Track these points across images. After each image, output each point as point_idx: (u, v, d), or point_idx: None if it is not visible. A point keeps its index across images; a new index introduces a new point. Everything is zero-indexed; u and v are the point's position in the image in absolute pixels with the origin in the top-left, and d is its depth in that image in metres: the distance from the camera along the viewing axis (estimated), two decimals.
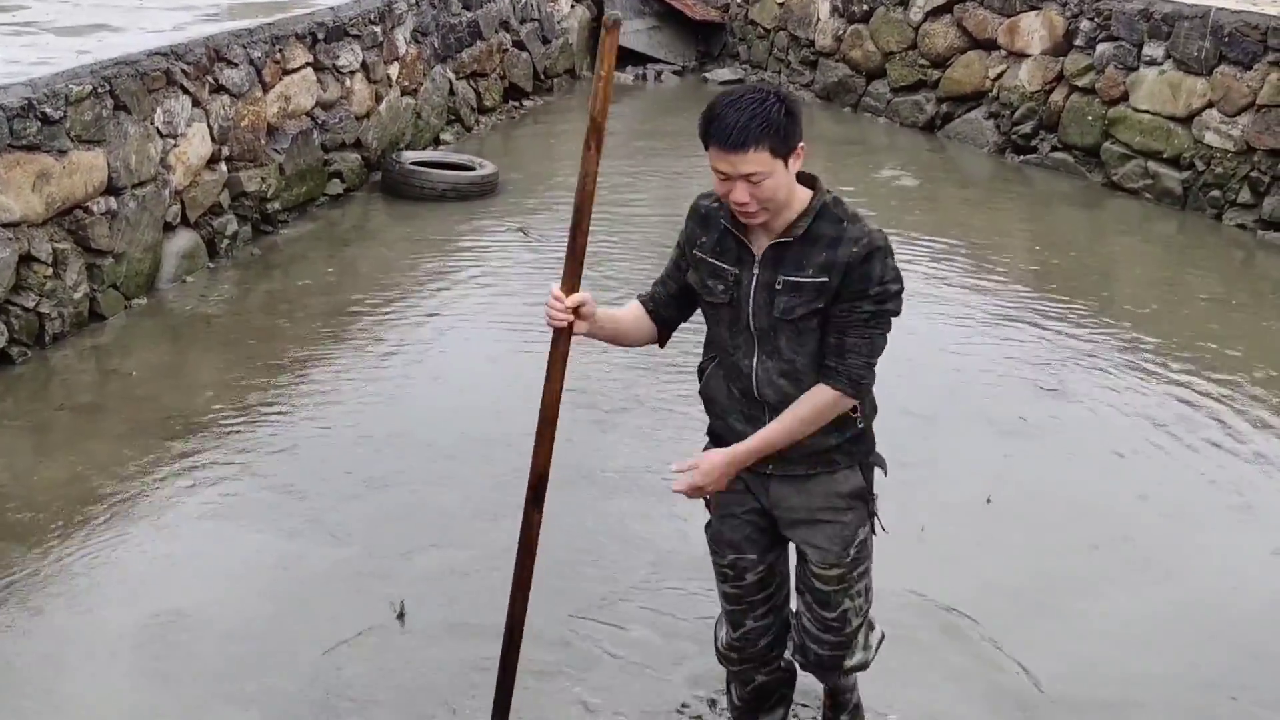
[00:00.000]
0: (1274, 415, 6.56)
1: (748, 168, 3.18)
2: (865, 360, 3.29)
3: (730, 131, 3.17)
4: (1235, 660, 4.57)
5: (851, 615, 3.60)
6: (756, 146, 3.15)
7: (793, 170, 3.24)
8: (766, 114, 3.16)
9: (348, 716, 4.21)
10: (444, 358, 7.09)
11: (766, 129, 3.15)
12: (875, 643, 3.75)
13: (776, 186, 3.21)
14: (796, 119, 3.21)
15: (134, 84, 7.46)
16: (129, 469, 5.74)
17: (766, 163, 3.17)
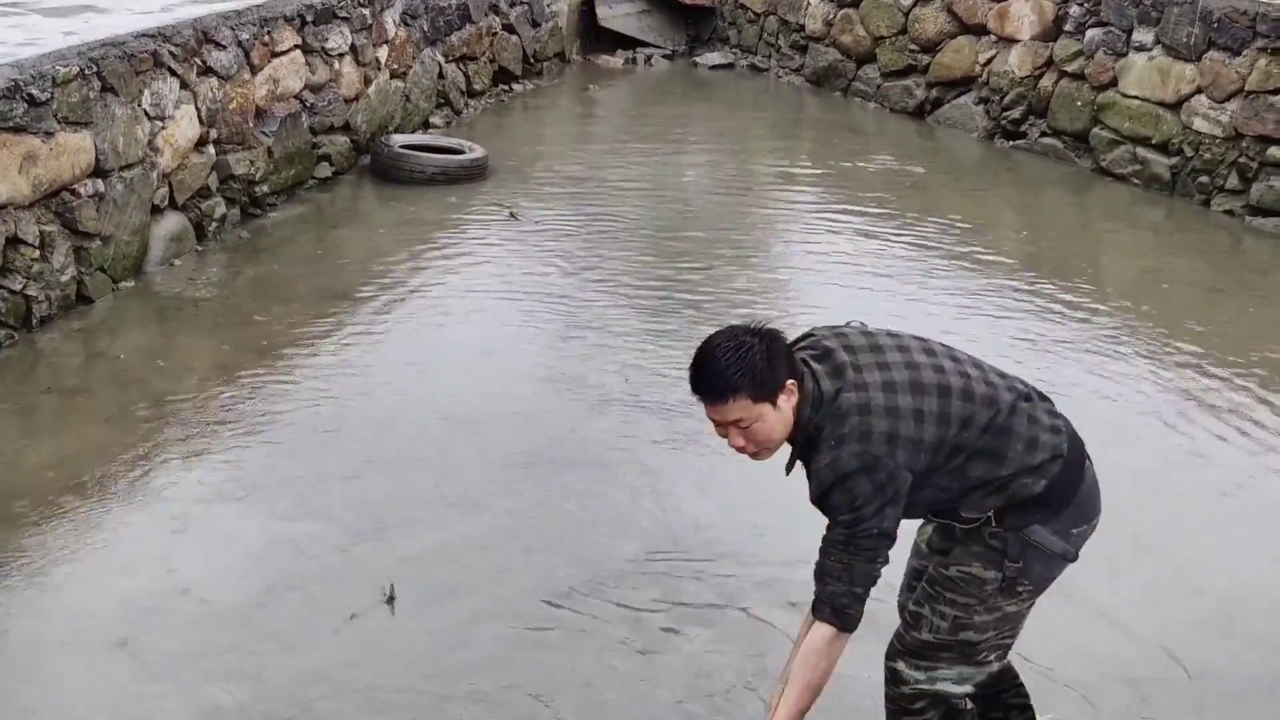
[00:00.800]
0: (1263, 399, 6.58)
1: (732, 416, 3.17)
2: (847, 587, 3.17)
3: (708, 384, 3.17)
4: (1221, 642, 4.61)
5: (925, 624, 3.43)
6: (735, 396, 3.13)
7: (785, 407, 3.18)
8: (743, 361, 3.12)
9: (337, 700, 4.21)
10: (433, 341, 7.08)
11: (743, 378, 3.11)
12: (942, 686, 3.47)
13: (769, 428, 3.19)
14: (777, 359, 3.16)
15: (121, 66, 7.42)
16: (116, 452, 5.73)
17: (749, 409, 3.15)
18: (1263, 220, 9.51)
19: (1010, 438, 3.23)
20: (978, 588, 3.31)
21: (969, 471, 3.23)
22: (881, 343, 3.32)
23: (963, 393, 3.23)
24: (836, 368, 3.23)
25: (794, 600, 4.80)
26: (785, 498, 5.52)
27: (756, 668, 4.41)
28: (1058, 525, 3.27)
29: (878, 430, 3.13)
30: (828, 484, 3.16)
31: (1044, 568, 3.32)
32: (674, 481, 5.67)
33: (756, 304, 7.72)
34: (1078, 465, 3.31)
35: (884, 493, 3.12)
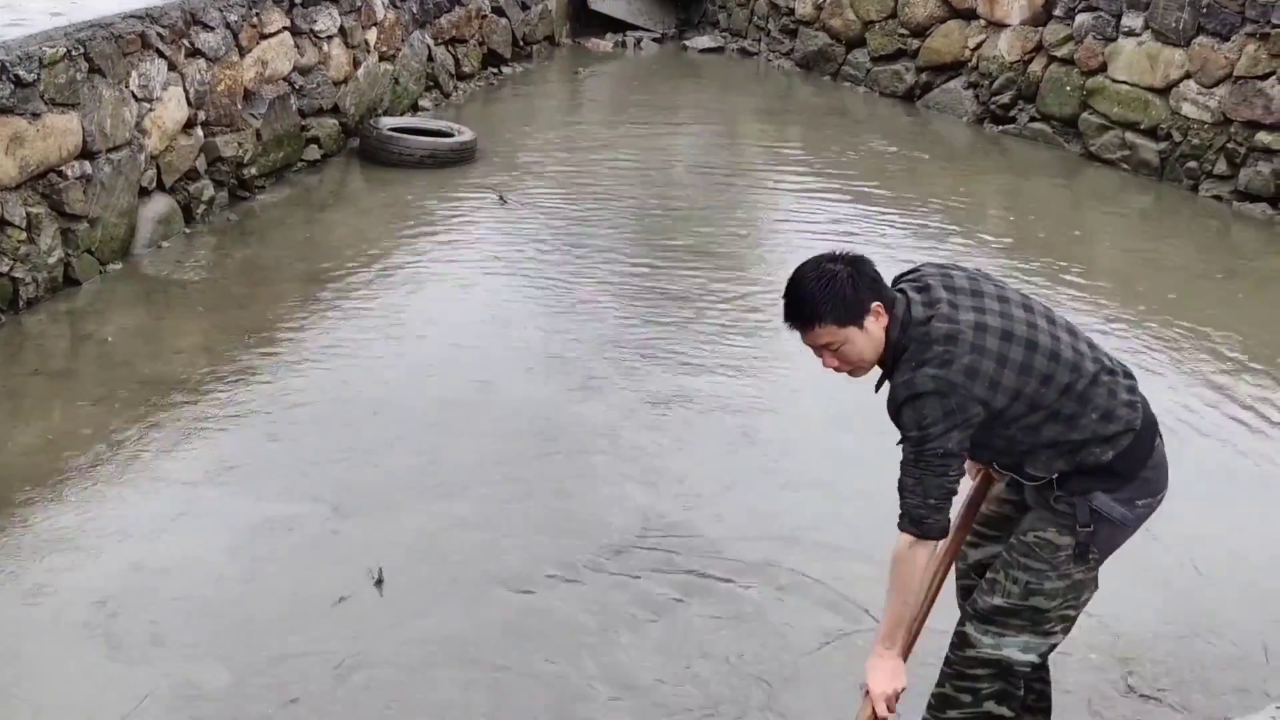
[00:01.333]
0: (1250, 384, 6.61)
1: (818, 341, 3.34)
2: (921, 499, 3.28)
3: (795, 313, 3.36)
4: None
5: (998, 589, 3.48)
6: (820, 322, 3.30)
7: (873, 329, 3.31)
8: (827, 289, 3.29)
9: (324, 684, 4.22)
10: (422, 323, 7.07)
11: (827, 305, 3.28)
12: (1008, 653, 3.49)
13: (860, 350, 3.33)
14: (862, 281, 3.31)
15: (108, 47, 7.39)
16: (104, 434, 5.72)
17: (835, 334, 3.31)
18: (1250, 205, 9.53)
19: (1087, 405, 3.32)
20: (1051, 553, 3.40)
21: (1042, 430, 3.32)
22: (983, 288, 3.43)
23: (1049, 352, 3.32)
24: (933, 300, 3.36)
25: (783, 583, 4.84)
26: (775, 478, 5.56)
27: (752, 635, 4.43)
28: (1121, 495, 3.37)
29: (959, 361, 3.24)
30: (900, 399, 3.28)
31: (1109, 535, 3.41)
32: (663, 461, 5.68)
33: (745, 287, 7.73)
34: (1148, 441, 3.40)
35: (953, 418, 3.23)
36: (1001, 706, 3.53)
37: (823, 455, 5.78)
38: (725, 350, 6.84)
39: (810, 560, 4.98)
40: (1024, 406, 3.29)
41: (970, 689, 3.52)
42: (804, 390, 6.36)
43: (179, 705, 4.10)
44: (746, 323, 7.20)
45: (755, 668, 4.37)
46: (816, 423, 6.08)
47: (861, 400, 6.19)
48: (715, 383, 6.46)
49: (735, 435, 5.98)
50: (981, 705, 3.52)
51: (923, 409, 3.24)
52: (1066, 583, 3.41)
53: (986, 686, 3.51)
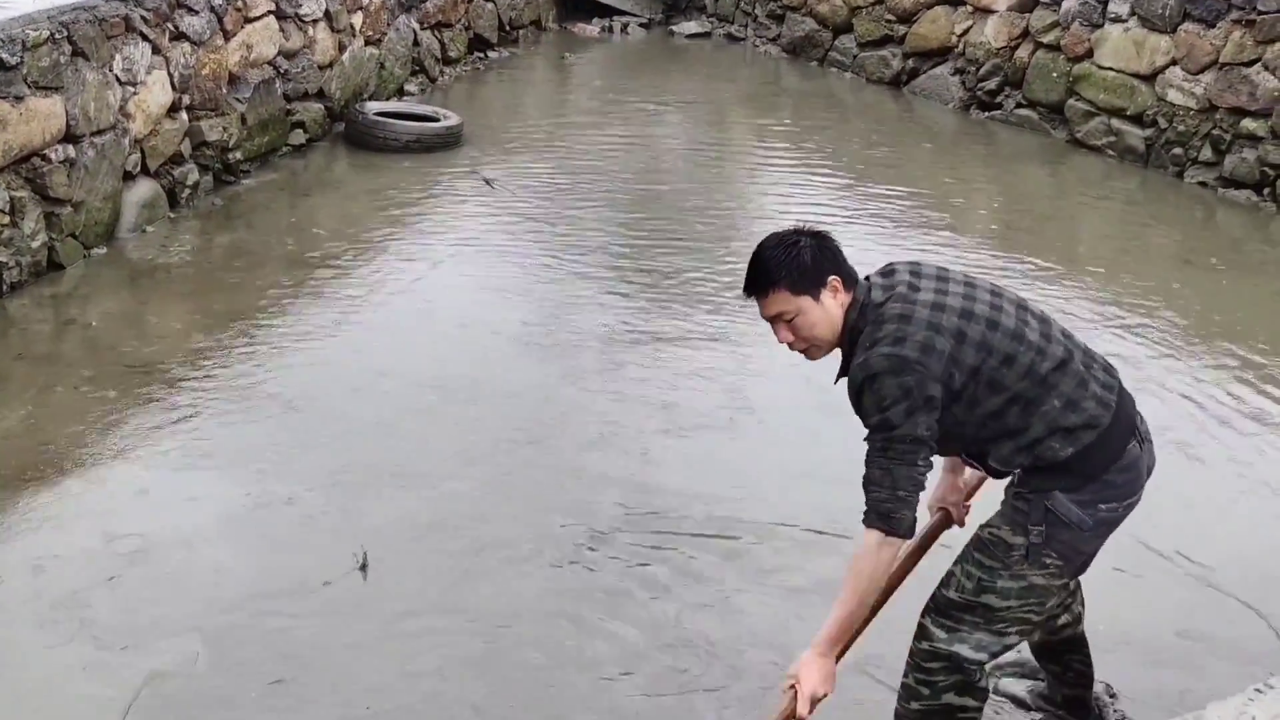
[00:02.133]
0: (1236, 372, 6.63)
1: (772, 309, 3.32)
2: (889, 492, 3.19)
3: (751, 278, 3.35)
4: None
5: (953, 583, 3.44)
6: (774, 288, 3.29)
7: (829, 303, 3.30)
8: (785, 255, 3.28)
9: (307, 667, 4.22)
10: (407, 308, 7.07)
11: (781, 269, 3.27)
12: (959, 649, 3.42)
13: (812, 324, 3.30)
14: (823, 253, 3.30)
15: (92, 30, 7.35)
16: (88, 418, 5.70)
17: (788, 302, 3.28)
18: (1235, 192, 9.56)
19: (1051, 391, 3.25)
20: (1004, 552, 3.33)
21: (1005, 416, 3.25)
22: (950, 275, 3.39)
23: (1012, 332, 3.27)
24: (893, 284, 3.33)
25: (769, 567, 4.85)
26: (763, 462, 5.57)
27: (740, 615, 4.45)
28: (1080, 496, 3.27)
29: (913, 338, 3.18)
30: (858, 383, 3.23)
31: (1071, 539, 3.30)
32: (652, 442, 5.68)
33: (733, 270, 7.73)
34: (1118, 439, 3.30)
35: (911, 396, 3.15)
36: (963, 697, 3.46)
37: (807, 436, 5.79)
38: (713, 330, 6.84)
39: (794, 542, 4.99)
40: (983, 388, 3.23)
41: (928, 682, 3.46)
42: (790, 367, 6.38)
43: (159, 687, 4.09)
44: (730, 303, 7.21)
45: (739, 647, 4.39)
46: (802, 404, 6.08)
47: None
48: (703, 363, 6.46)
49: (723, 414, 5.98)
50: (940, 698, 3.45)
51: (880, 390, 3.17)
52: (1021, 584, 3.33)
53: (943, 679, 3.44)
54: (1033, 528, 3.29)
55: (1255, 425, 6.13)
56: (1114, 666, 4.19)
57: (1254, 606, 4.71)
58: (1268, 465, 5.78)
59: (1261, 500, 5.50)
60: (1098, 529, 3.31)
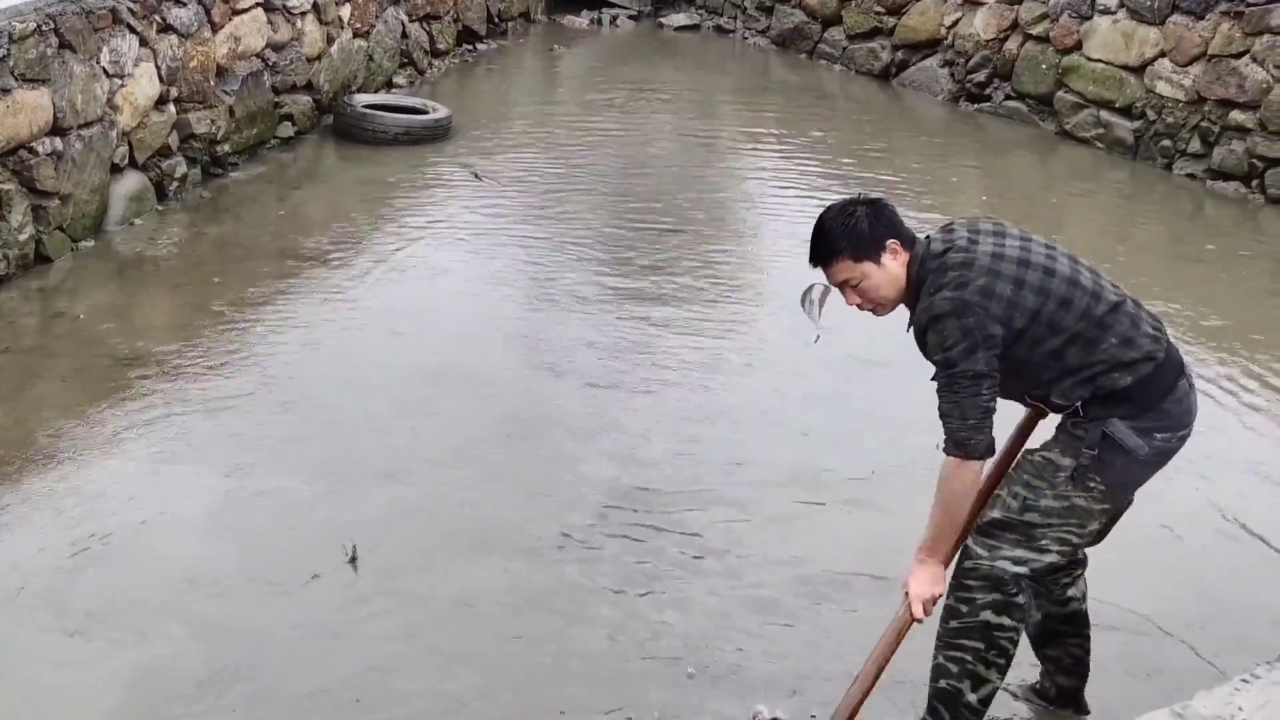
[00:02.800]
0: (1224, 364, 6.65)
1: (838, 277, 3.59)
2: (960, 422, 3.41)
3: (815, 250, 3.60)
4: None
5: (998, 503, 3.60)
6: (836, 258, 3.55)
7: (890, 265, 3.55)
8: (843, 226, 3.53)
9: (296, 660, 4.22)
10: (395, 301, 7.05)
11: (840, 239, 3.53)
12: (1001, 565, 3.58)
13: (877, 285, 3.56)
14: (880, 220, 3.55)
15: (79, 22, 7.32)
16: (76, 411, 5.69)
17: (852, 269, 3.55)
18: (1224, 184, 9.58)
19: (1108, 331, 3.45)
20: (1052, 473, 3.51)
21: (1065, 355, 3.45)
22: (1007, 229, 3.62)
23: (1068, 279, 3.48)
24: (952, 237, 3.57)
25: (760, 559, 4.85)
26: (757, 453, 5.58)
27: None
28: (1139, 424, 3.46)
29: (974, 283, 3.41)
30: (922, 325, 3.46)
31: (1122, 465, 3.48)
32: (645, 436, 5.68)
33: (720, 259, 7.73)
34: (1171, 374, 3.50)
35: (972, 336, 3.37)
36: (1000, 616, 3.61)
37: (790, 425, 5.80)
38: (706, 321, 6.84)
39: (782, 531, 5.00)
40: (1044, 329, 3.42)
41: (967, 599, 3.62)
42: (771, 354, 6.39)
43: (143, 679, 4.08)
44: (722, 294, 7.21)
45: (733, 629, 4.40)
46: (783, 390, 6.09)
47: (837, 378, 6.22)
48: (697, 354, 6.46)
49: (707, 405, 5.98)
50: (978, 615, 3.61)
51: (943, 330, 3.39)
52: (1064, 504, 3.51)
53: (981, 597, 3.60)
54: (1085, 450, 3.47)
55: (1247, 416, 6.15)
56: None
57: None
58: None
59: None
60: (1151, 458, 3.50)
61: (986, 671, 3.65)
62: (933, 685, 3.73)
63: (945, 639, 3.68)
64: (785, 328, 6.73)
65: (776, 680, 4.22)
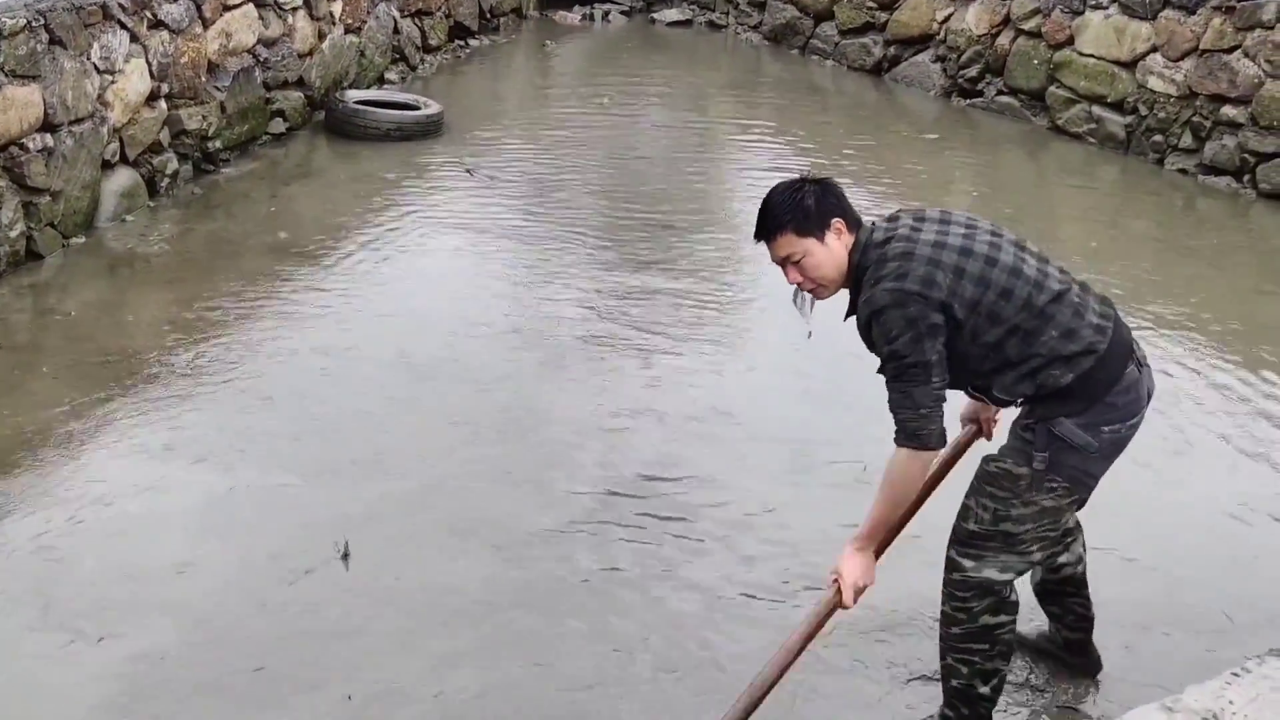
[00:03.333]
0: (1212, 359, 6.66)
1: (780, 252, 3.55)
2: (912, 412, 3.42)
3: (760, 224, 3.57)
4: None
5: (971, 516, 3.62)
6: (780, 232, 3.52)
7: (833, 244, 3.51)
8: (789, 201, 3.51)
9: (289, 655, 4.21)
10: (388, 297, 7.05)
11: (787, 212, 3.50)
12: (988, 574, 3.61)
13: (819, 264, 3.52)
14: (826, 198, 3.51)
15: (69, 18, 7.30)
16: (67, 408, 5.68)
17: (795, 244, 3.51)
18: (1215, 179, 9.60)
19: (1048, 321, 3.42)
20: (1012, 483, 3.52)
21: (1005, 347, 3.43)
22: (953, 218, 3.59)
23: (1010, 268, 3.45)
24: (895, 226, 3.54)
25: (753, 554, 4.86)
26: (749, 447, 5.58)
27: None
28: (1085, 419, 3.44)
29: (914, 273, 3.38)
30: (864, 319, 3.46)
31: (1076, 462, 3.48)
32: (636, 430, 5.68)
33: (716, 257, 7.74)
34: (1116, 363, 3.46)
35: (916, 326, 3.36)
36: (997, 616, 3.66)
37: (793, 422, 5.80)
38: (697, 316, 6.84)
39: (776, 524, 5.01)
40: (984, 320, 3.40)
41: (964, 608, 3.66)
42: (765, 349, 6.39)
43: (135, 676, 4.08)
44: (713, 287, 7.21)
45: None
46: (776, 386, 6.09)
47: (832, 374, 6.22)
48: (687, 348, 6.46)
49: (701, 399, 5.98)
50: (977, 621, 3.65)
51: (886, 323, 3.38)
52: (1034, 509, 3.52)
53: (977, 604, 3.64)
54: (1037, 454, 3.47)
55: (1233, 407, 6.16)
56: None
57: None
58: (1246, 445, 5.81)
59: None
60: (1104, 450, 3.49)
61: (994, 664, 3.72)
62: (945, 684, 3.80)
63: (950, 644, 3.73)
64: (778, 323, 6.74)
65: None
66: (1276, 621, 4.54)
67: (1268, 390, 6.38)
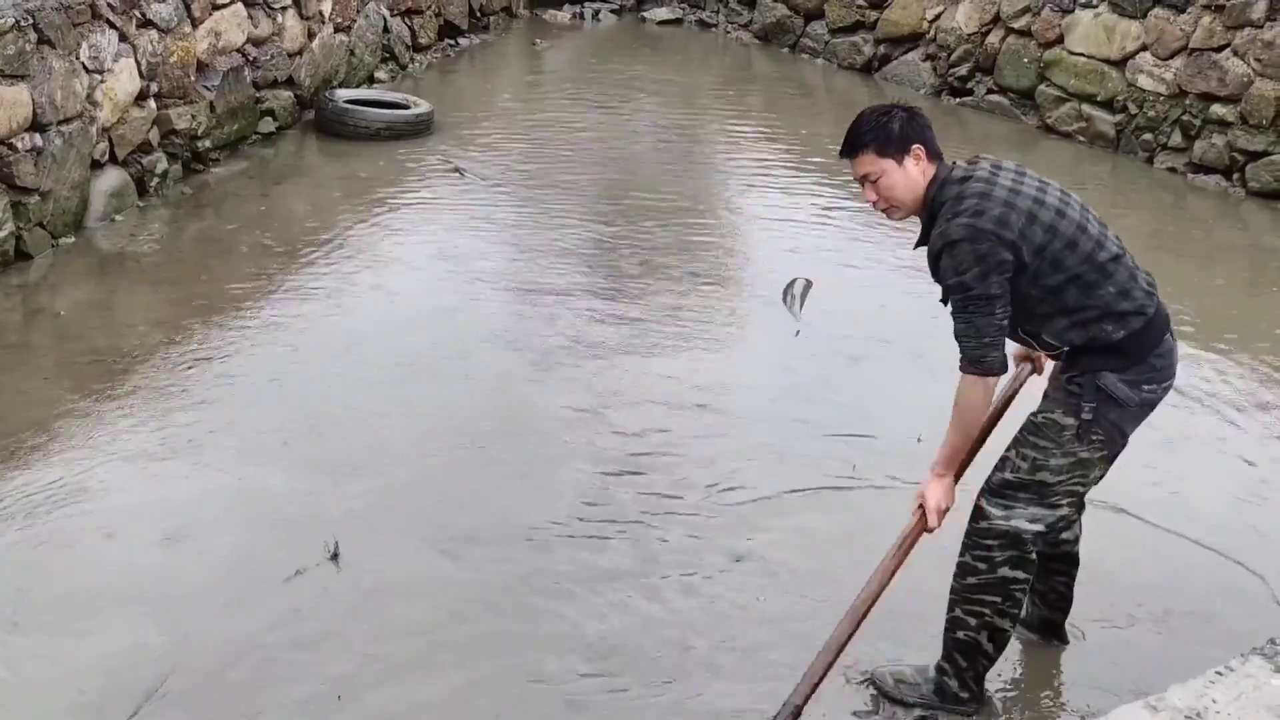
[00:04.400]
0: (1203, 358, 6.68)
1: (860, 170, 3.72)
2: (975, 340, 3.58)
3: (846, 140, 3.75)
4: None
5: (1009, 465, 3.78)
6: (862, 150, 3.69)
7: (911, 169, 3.67)
8: (875, 122, 3.68)
9: (276, 657, 4.21)
10: (377, 296, 7.04)
11: (870, 133, 3.67)
12: (1016, 523, 3.77)
13: (893, 184, 3.68)
14: (910, 125, 3.68)
15: (58, 17, 7.29)
16: (56, 408, 5.67)
17: (874, 163, 3.68)
18: (1205, 178, 9.62)
19: (1107, 277, 3.61)
20: (1057, 433, 3.69)
21: (1064, 294, 3.59)
22: (1027, 172, 3.75)
23: (1077, 224, 3.62)
24: (975, 168, 3.72)
25: (743, 551, 4.86)
26: (737, 443, 5.59)
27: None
28: (1128, 376, 3.64)
29: (990, 213, 3.55)
30: (936, 250, 3.61)
31: (1115, 416, 3.66)
32: (628, 426, 5.69)
33: (706, 254, 7.74)
34: (1159, 330, 3.67)
35: (985, 263, 3.52)
36: (1016, 570, 3.81)
37: (782, 419, 5.80)
38: (686, 315, 6.85)
39: (768, 518, 5.02)
40: (1047, 265, 3.57)
41: (985, 557, 3.81)
42: (754, 346, 6.40)
43: (124, 676, 4.07)
44: (703, 284, 7.22)
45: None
46: (765, 383, 6.10)
47: (820, 370, 6.23)
48: (674, 345, 6.47)
49: (690, 396, 5.99)
50: (996, 572, 3.80)
51: (957, 255, 3.54)
52: (1071, 459, 3.69)
53: (999, 554, 3.79)
54: (1085, 404, 3.64)
55: (1223, 408, 6.18)
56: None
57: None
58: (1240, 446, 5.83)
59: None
60: (1138, 409, 3.68)
61: (1002, 621, 3.86)
62: (949, 635, 3.94)
63: (963, 594, 3.87)
64: (768, 320, 6.74)
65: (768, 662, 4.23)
66: (1258, 619, 4.56)
67: (1258, 389, 6.39)
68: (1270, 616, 4.54)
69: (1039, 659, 4.30)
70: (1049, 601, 4.25)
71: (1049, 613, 4.27)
